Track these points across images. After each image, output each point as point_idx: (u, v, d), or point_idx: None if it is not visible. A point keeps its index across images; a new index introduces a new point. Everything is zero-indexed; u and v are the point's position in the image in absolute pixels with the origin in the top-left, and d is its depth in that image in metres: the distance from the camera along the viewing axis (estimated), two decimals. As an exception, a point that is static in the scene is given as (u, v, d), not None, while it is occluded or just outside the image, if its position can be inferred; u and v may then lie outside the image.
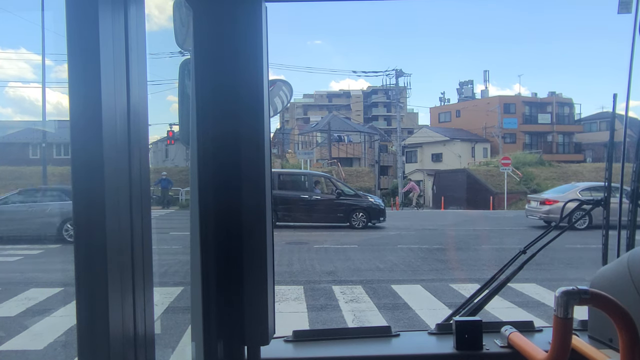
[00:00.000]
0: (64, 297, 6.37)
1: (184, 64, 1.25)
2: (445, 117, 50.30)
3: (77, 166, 0.71)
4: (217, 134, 1.16)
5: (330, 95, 73.26)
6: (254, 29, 1.16)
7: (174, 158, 31.75)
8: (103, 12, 0.71)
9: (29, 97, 54.03)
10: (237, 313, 1.19)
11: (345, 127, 48.90)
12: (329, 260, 9.75)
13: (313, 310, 6.25)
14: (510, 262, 1.83)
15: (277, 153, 44.02)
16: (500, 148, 39.97)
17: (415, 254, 10.64)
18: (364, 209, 15.74)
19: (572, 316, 0.91)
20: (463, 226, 16.93)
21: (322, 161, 40.16)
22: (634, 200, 1.77)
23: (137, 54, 0.81)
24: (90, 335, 0.72)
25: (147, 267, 0.83)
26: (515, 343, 1.28)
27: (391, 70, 33.50)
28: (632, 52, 1.68)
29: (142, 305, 0.81)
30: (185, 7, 1.18)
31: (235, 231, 1.18)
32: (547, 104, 45.29)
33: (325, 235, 13.88)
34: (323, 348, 1.40)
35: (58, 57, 12.99)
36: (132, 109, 0.79)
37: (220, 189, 1.17)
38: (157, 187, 20.66)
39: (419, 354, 1.38)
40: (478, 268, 9.08)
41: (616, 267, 1.35)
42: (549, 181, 29.03)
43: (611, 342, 1.33)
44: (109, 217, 0.72)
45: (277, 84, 1.51)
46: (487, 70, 65.72)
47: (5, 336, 4.95)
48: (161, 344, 4.36)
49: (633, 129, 1.94)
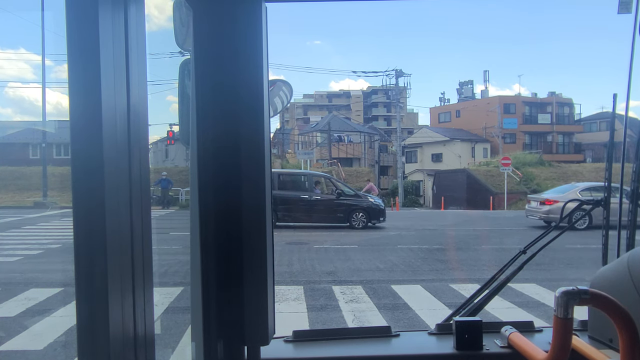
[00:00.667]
0: (64, 297, 6.36)
1: (184, 64, 1.25)
2: (445, 117, 50.30)
3: (77, 166, 0.71)
4: (217, 134, 1.16)
5: (330, 95, 73.26)
6: (254, 29, 1.16)
7: (174, 158, 31.76)
8: (103, 12, 0.71)
9: (28, 98, 54.07)
10: (237, 313, 1.19)
11: (345, 127, 48.90)
12: (329, 260, 9.75)
13: (313, 310, 6.25)
14: (510, 262, 1.83)
15: (277, 153, 44.00)
16: (500, 148, 39.98)
17: (415, 254, 10.64)
18: (364, 209, 15.74)
19: (572, 316, 0.91)
20: (463, 226, 16.92)
21: (322, 161, 40.15)
22: (634, 201, 1.77)
23: (137, 54, 0.81)
24: (90, 335, 0.72)
25: (147, 267, 0.83)
26: (515, 343, 1.28)
27: (391, 71, 33.55)
28: (632, 52, 1.68)
29: (142, 305, 0.81)
30: (185, 7, 1.18)
31: (235, 231, 1.18)
32: (547, 104, 45.30)
33: (325, 235, 13.88)
34: (323, 348, 1.40)
35: (58, 57, 13.00)
36: (132, 109, 0.79)
37: (220, 189, 1.17)
38: (157, 187, 20.66)
39: (419, 354, 1.38)
40: (478, 268, 9.08)
41: (616, 267, 1.35)
42: (549, 181, 29.04)
43: (611, 342, 1.33)
44: (109, 217, 0.72)
45: (277, 84, 1.51)
46: (487, 70, 65.76)
47: (5, 336, 4.95)
48: (161, 344, 4.36)
49: (633, 129, 1.94)
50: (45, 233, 12.95)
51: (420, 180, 37.66)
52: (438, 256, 10.52)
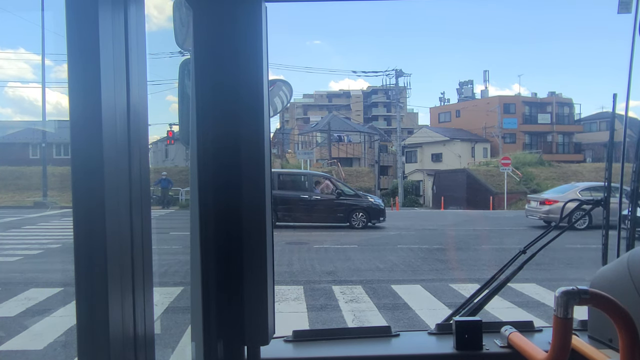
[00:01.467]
0: (64, 297, 6.36)
1: (184, 64, 1.25)
2: (445, 117, 50.30)
3: (77, 166, 0.71)
4: (217, 134, 1.16)
5: (330, 95, 73.26)
6: (254, 29, 1.16)
7: (174, 158, 31.76)
8: (103, 12, 0.71)
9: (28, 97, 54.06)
10: (237, 313, 1.19)
11: (345, 127, 48.89)
12: (329, 260, 9.75)
13: (313, 310, 6.25)
14: (510, 262, 1.83)
15: (277, 153, 44.02)
16: (500, 148, 39.98)
17: (415, 254, 10.64)
18: (364, 209, 15.74)
19: (572, 316, 0.91)
20: (463, 226, 16.93)
21: (322, 161, 40.17)
22: (634, 200, 1.77)
23: (137, 54, 0.81)
24: (90, 335, 0.72)
25: (147, 267, 0.83)
26: (515, 343, 1.28)
27: (391, 70, 33.55)
28: (632, 52, 1.68)
29: (142, 305, 0.81)
30: (185, 7, 1.18)
31: (235, 231, 1.18)
32: (547, 104, 45.29)
33: (325, 235, 13.88)
34: (323, 348, 1.40)
35: (58, 57, 12.99)
36: (132, 109, 0.79)
37: (220, 189, 1.17)
38: (157, 187, 20.67)
39: (419, 354, 1.38)
40: (478, 268, 9.08)
41: (616, 267, 1.35)
42: (549, 181, 29.04)
43: (611, 342, 1.33)
44: (109, 217, 0.72)
45: (277, 84, 1.51)
46: (487, 70, 65.74)
47: (5, 336, 4.95)
48: (161, 344, 4.36)
49: (633, 129, 1.94)
50: (45, 233, 12.95)
51: (420, 180, 37.67)
52: (438, 256, 10.51)
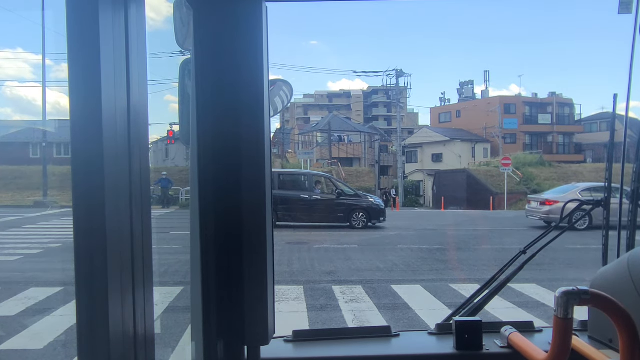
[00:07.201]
0: (64, 297, 6.36)
1: (184, 64, 1.25)
2: (445, 118, 50.31)
3: (77, 166, 0.71)
4: (217, 134, 1.16)
5: (330, 95, 73.25)
6: (254, 29, 1.16)
7: (174, 158, 31.78)
8: (103, 11, 0.71)
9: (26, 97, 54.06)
10: (237, 313, 1.19)
11: (345, 127, 48.88)
12: (329, 260, 9.75)
13: (313, 310, 6.24)
14: (510, 262, 1.83)
15: (277, 153, 43.98)
16: (500, 148, 39.98)
17: (415, 254, 10.64)
18: (364, 209, 15.74)
19: (572, 316, 0.91)
20: (463, 226, 16.92)
21: (322, 161, 40.16)
22: (634, 201, 1.77)
23: (137, 54, 0.81)
24: (90, 335, 0.72)
25: (147, 266, 0.83)
26: (515, 343, 1.28)
27: (391, 71, 33.58)
28: (632, 53, 1.68)
29: (142, 305, 0.81)
30: (185, 7, 1.18)
31: (235, 231, 1.17)
32: (547, 105, 45.29)
33: (325, 235, 13.88)
34: (323, 348, 1.40)
35: (58, 57, 13.00)
36: (132, 108, 0.79)
37: (220, 188, 1.17)
38: (157, 187, 20.68)
39: (419, 354, 1.38)
40: (478, 268, 9.08)
41: (616, 267, 1.35)
42: (549, 182, 29.04)
43: (611, 342, 1.33)
44: (109, 217, 0.72)
45: (278, 84, 1.51)
46: (487, 70, 65.87)
47: (5, 335, 4.95)
48: (161, 344, 4.36)
49: (633, 130, 1.94)
50: (45, 232, 12.96)
51: (420, 180, 37.66)
52: (438, 256, 10.51)
